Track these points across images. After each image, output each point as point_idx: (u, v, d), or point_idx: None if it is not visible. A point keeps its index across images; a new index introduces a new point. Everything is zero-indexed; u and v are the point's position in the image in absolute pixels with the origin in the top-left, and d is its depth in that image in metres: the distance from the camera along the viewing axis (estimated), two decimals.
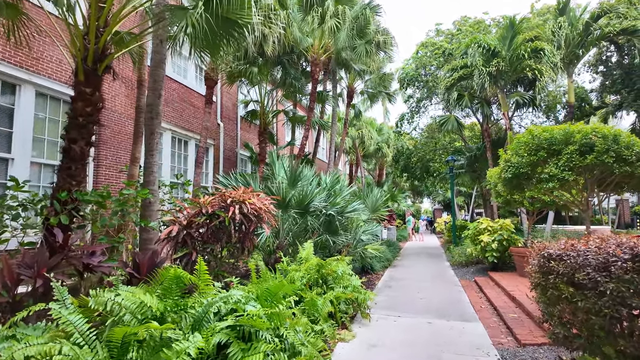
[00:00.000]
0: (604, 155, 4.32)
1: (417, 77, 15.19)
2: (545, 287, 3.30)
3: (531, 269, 3.74)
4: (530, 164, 4.73)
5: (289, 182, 6.92)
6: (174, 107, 11.50)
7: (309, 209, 6.67)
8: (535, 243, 3.70)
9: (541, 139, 4.69)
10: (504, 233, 8.73)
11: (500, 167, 5.50)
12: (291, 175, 6.87)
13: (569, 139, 4.60)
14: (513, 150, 5.14)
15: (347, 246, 8.26)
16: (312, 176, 7.50)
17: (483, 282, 8.07)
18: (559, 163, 4.55)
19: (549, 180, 4.55)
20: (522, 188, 5.70)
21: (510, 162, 5.09)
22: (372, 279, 8.87)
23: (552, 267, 3.18)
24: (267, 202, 5.51)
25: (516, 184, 5.39)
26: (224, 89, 14.12)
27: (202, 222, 4.80)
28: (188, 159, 12.21)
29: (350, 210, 7.06)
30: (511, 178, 5.14)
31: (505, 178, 5.27)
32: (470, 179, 15.11)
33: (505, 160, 5.30)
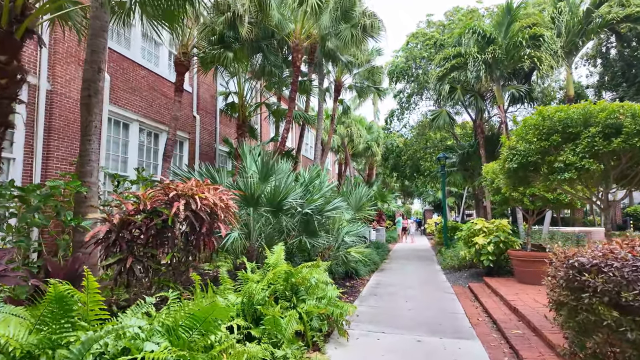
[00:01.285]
0: (634, 138, 3.53)
1: (407, 69, 14.43)
2: (575, 309, 2.44)
3: (551, 282, 2.90)
4: (540, 151, 3.93)
5: (261, 176, 6.03)
6: (143, 96, 10.51)
7: (283, 206, 5.78)
8: (558, 247, 2.85)
9: (554, 120, 3.88)
10: (501, 235, 7.96)
11: (503, 157, 4.71)
12: (262, 168, 5.98)
13: (588, 119, 3.80)
14: (519, 135, 4.35)
15: (328, 249, 7.40)
16: (288, 170, 6.61)
17: (478, 289, 7.27)
18: (577, 149, 3.74)
19: (565, 170, 3.76)
20: (527, 182, 4.90)
21: (516, 150, 4.29)
22: (356, 285, 8.01)
23: (586, 281, 2.32)
24: (227, 197, 4.61)
25: (521, 177, 4.60)
26: (201, 80, 13.15)
27: (141, 221, 3.87)
28: (159, 154, 11.20)
29: (330, 209, 6.20)
30: (517, 169, 4.34)
31: (509, 169, 4.47)
32: (462, 178, 14.40)
33: (510, 148, 4.50)
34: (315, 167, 7.13)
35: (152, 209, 3.91)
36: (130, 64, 10.06)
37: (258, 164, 6.08)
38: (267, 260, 4.88)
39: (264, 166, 5.98)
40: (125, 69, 9.89)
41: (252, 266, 4.97)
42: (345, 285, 7.91)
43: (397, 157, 18.33)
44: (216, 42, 10.04)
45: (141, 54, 10.70)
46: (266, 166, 5.96)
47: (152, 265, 4.02)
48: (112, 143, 9.49)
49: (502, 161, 4.77)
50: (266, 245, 6.49)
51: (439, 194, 32.18)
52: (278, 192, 5.54)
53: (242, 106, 11.59)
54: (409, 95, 16.17)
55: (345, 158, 25.84)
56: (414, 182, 20.16)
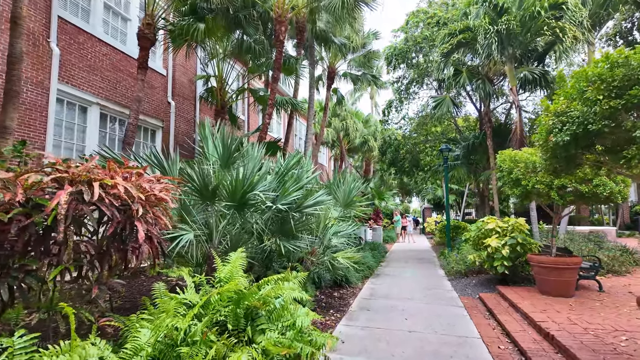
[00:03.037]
0: None
1: (407, 52, 13.13)
2: None
3: None
4: (609, 113, 2.68)
5: (222, 162, 4.75)
6: (105, 77, 9.17)
7: (248, 200, 4.49)
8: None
9: (634, 66, 2.62)
10: (518, 236, 6.69)
11: (543, 128, 3.44)
12: (223, 152, 4.70)
13: None
14: (570, 95, 3.09)
15: (312, 253, 6.11)
16: (259, 156, 5.32)
17: (492, 302, 6.01)
18: None
19: None
20: (576, 164, 3.61)
21: (567, 116, 3.02)
22: (346, 295, 6.73)
23: None
24: (160, 187, 3.32)
25: (570, 157, 3.33)
26: (178, 62, 11.82)
27: (11, 218, 2.57)
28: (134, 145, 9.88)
29: (310, 204, 4.91)
30: (568, 144, 3.07)
31: (555, 145, 3.21)
32: (466, 172, 13.15)
33: (557, 114, 3.22)
34: (296, 153, 5.83)
35: (27, 200, 2.61)
36: (88, 39, 8.72)
37: (219, 148, 4.78)
38: (218, 272, 3.59)
39: (225, 149, 4.68)
40: (81, 44, 8.56)
41: (199, 280, 3.67)
42: (333, 295, 6.64)
43: (395, 151, 17.04)
44: (187, 13, 8.73)
45: (104, 28, 9.36)
46: (227, 150, 4.67)
47: (33, 284, 2.72)
48: (64, 128, 8.16)
49: (544, 134, 3.46)
50: (232, 249, 5.23)
51: (439, 191, 30.92)
52: (240, 183, 4.25)
53: (220, 89, 10.27)
54: (408, 82, 14.86)
55: (341, 153, 24.55)
56: (413, 177, 18.87)
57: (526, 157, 5.77)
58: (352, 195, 5.75)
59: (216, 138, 4.83)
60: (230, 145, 4.74)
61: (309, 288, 5.62)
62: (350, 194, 5.73)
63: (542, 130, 3.52)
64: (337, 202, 5.84)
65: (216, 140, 4.82)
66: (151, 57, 11.16)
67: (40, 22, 7.62)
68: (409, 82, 14.72)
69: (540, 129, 3.59)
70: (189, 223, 5.16)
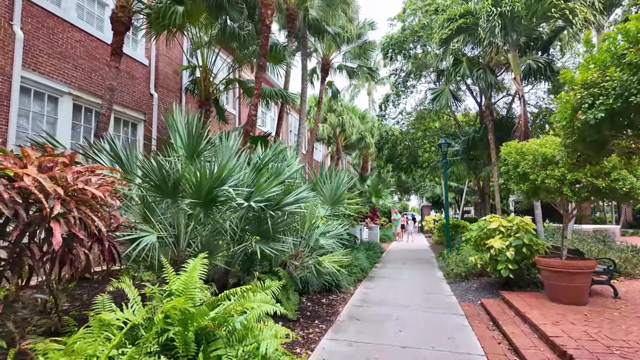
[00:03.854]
0: None
1: (404, 41, 12.49)
2: None
3: None
4: None
5: (188, 153, 4.13)
6: (78, 65, 8.52)
7: (217, 197, 3.87)
8: None
9: None
10: (524, 236, 6.09)
11: (569, 105, 2.82)
12: (189, 142, 4.07)
13: None
14: (602, 62, 2.48)
15: (296, 256, 5.50)
16: (235, 146, 4.70)
17: (496, 310, 5.41)
18: None
19: None
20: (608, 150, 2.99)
21: (600, 88, 2.41)
22: (335, 301, 6.13)
23: None
24: (93, 179, 2.71)
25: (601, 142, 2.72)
26: (162, 51, 11.17)
27: None
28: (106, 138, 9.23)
29: (290, 201, 4.29)
30: (600, 123, 2.46)
31: (585, 124, 2.60)
32: (466, 168, 12.55)
33: (586, 86, 2.59)
34: (277, 145, 5.21)
35: None
36: (58, 23, 8.07)
37: (183, 137, 4.16)
38: (169, 284, 2.97)
39: (190, 138, 4.05)
40: (51, 29, 7.90)
41: (151, 292, 3.06)
42: (321, 302, 6.03)
43: (393, 147, 16.42)
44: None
45: (77, 13, 8.71)
46: (192, 139, 4.04)
47: None
48: (31, 120, 7.52)
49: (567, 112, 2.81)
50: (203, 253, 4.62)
51: (438, 189, 30.34)
52: (205, 176, 3.62)
53: (204, 80, 9.63)
54: (406, 75, 14.22)
55: (337, 150, 23.93)
56: (410, 174, 18.25)
57: (535, 148, 5.16)
58: (340, 192, 5.14)
59: (181, 124, 4.20)
60: (196, 133, 4.11)
61: (292, 295, 5.01)
62: (338, 190, 5.11)
63: (565, 108, 2.90)
64: (324, 200, 5.22)
65: (181, 128, 4.19)
66: (132, 45, 10.52)
67: (1, 4, 6.97)
68: (407, 75, 14.08)
69: (561, 108, 2.98)
70: (154, 223, 4.55)
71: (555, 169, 4.75)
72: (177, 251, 4.65)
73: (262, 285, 3.45)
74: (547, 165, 5.01)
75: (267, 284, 3.55)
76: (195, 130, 4.10)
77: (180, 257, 4.65)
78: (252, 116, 8.11)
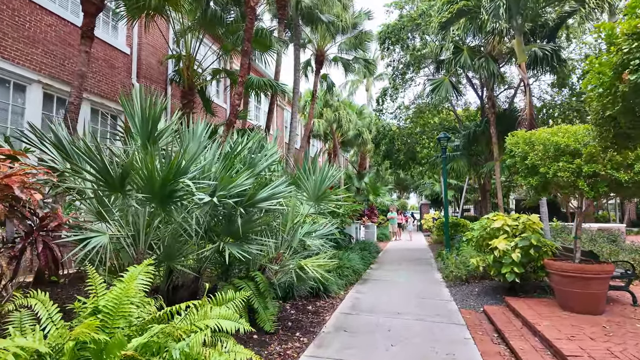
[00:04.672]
0: None
1: (401, 29, 11.85)
2: None
3: None
4: None
5: (142, 139, 3.52)
6: (49, 51, 7.90)
7: (174, 192, 3.27)
8: None
9: None
10: (531, 237, 5.49)
11: (607, 65, 2.24)
12: (143, 127, 3.45)
13: None
14: None
15: (277, 259, 4.90)
16: (205, 134, 4.09)
17: (502, 319, 4.82)
18: None
19: None
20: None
21: None
22: (322, 308, 5.54)
23: None
24: None
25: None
26: (145, 40, 10.54)
27: None
28: (78, 130, 8.61)
29: (264, 197, 3.69)
30: None
31: (635, 88, 2.00)
32: (466, 164, 11.96)
33: (634, 36, 2.00)
34: (255, 133, 4.61)
35: None
36: (25, 5, 7.45)
37: (137, 120, 3.55)
38: (96, 298, 2.37)
39: (144, 123, 3.44)
40: (17, 11, 7.28)
41: (80, 308, 2.45)
42: (306, 310, 5.45)
43: (390, 143, 15.81)
44: None
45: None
46: (145, 122, 3.42)
47: None
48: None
49: (606, 75, 2.19)
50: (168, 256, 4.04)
51: (437, 186, 29.75)
52: (154, 166, 3.02)
53: (187, 68, 9.01)
54: (404, 66, 13.58)
55: (334, 146, 23.32)
56: (409, 171, 17.64)
57: (545, 137, 4.56)
58: (325, 186, 4.54)
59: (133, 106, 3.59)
60: (150, 116, 3.48)
61: (270, 304, 4.42)
62: (322, 185, 4.51)
63: (602, 71, 2.30)
64: (307, 196, 4.62)
65: (135, 111, 3.58)
66: (112, 33, 9.90)
67: None
68: (405, 66, 13.45)
69: (591, 76, 2.38)
70: (109, 222, 3.96)
71: (569, 159, 4.16)
72: (136, 253, 4.06)
73: (221, 298, 2.86)
74: (559, 157, 4.42)
75: (229, 295, 2.95)
76: (150, 114, 3.49)
77: (139, 261, 4.06)
78: (236, 106, 7.50)
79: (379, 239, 18.00)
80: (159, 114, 3.54)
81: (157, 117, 3.54)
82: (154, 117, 3.52)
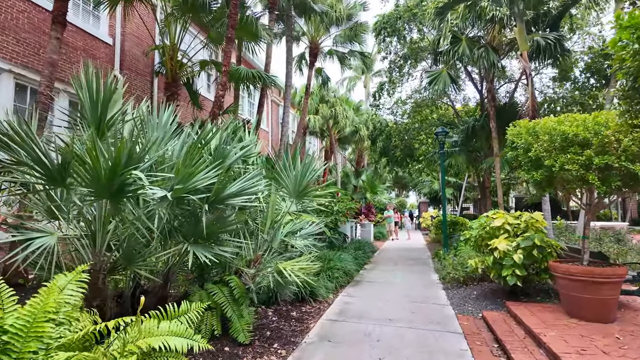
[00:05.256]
0: None
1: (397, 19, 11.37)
2: None
3: None
4: None
5: (93, 125, 3.06)
6: (21, 39, 7.43)
7: (125, 186, 2.83)
8: None
9: None
10: (534, 236, 5.06)
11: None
12: (93, 110, 3.00)
13: None
14: None
15: (255, 261, 4.46)
16: (171, 122, 3.65)
17: (502, 328, 4.38)
18: None
19: None
20: None
21: None
22: (307, 315, 5.10)
23: None
24: None
25: None
26: (128, 30, 10.06)
27: None
28: (54, 122, 8.16)
29: (233, 192, 3.25)
30: None
31: None
32: (465, 160, 11.52)
33: None
34: (230, 121, 4.16)
35: None
36: None
37: (86, 103, 3.09)
38: (1, 318, 1.92)
39: (93, 105, 2.99)
40: None
41: None
42: (290, 316, 5.01)
43: (387, 139, 15.35)
44: None
45: None
46: (95, 105, 2.97)
47: None
48: None
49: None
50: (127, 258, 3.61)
51: (436, 184, 29.31)
52: (97, 156, 2.57)
53: (171, 59, 8.55)
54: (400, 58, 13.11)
55: (330, 143, 22.86)
56: (406, 169, 17.19)
57: (551, 126, 4.11)
58: (308, 181, 4.07)
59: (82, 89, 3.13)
60: (99, 99, 3.02)
61: (245, 312, 3.97)
62: (304, 180, 4.05)
63: (636, 23, 1.88)
64: (287, 192, 4.16)
65: (82, 94, 3.12)
66: (93, 22, 9.42)
67: None
68: (402, 58, 12.98)
69: (620, 32, 1.96)
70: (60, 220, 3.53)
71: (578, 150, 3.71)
72: (92, 256, 3.62)
73: (172, 311, 2.42)
74: (567, 147, 3.97)
75: (182, 308, 2.51)
76: (99, 95, 3.03)
77: (98, 264, 3.62)
78: (220, 97, 7.04)
79: (376, 238, 17.57)
80: (109, 96, 3.09)
81: (108, 100, 3.08)
82: (104, 100, 3.06)
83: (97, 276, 3.61)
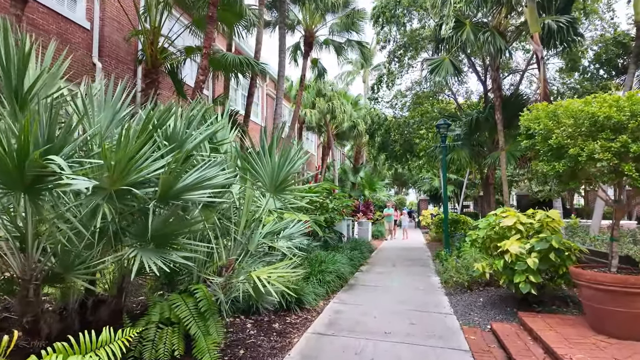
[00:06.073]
0: None
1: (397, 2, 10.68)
2: None
3: None
4: None
5: (7, 99, 2.41)
6: None
7: (42, 177, 2.18)
8: None
9: None
10: (551, 238, 4.42)
11: None
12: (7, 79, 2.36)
13: None
14: None
15: (228, 267, 3.82)
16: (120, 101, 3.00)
17: (516, 346, 3.75)
18: None
19: None
20: None
21: None
22: (291, 327, 4.47)
23: None
24: None
25: None
26: (108, 14, 9.39)
27: None
28: None
29: (189, 184, 2.61)
30: None
31: None
32: (467, 155, 10.88)
33: None
34: (196, 100, 3.51)
35: None
36: None
37: None
38: None
39: (6, 72, 2.35)
40: None
41: None
42: (271, 328, 4.37)
43: (386, 133, 14.69)
44: None
45: None
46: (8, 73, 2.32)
47: None
48: None
49: None
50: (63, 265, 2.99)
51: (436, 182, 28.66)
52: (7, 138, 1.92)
53: (152, 44, 7.88)
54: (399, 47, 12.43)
55: (328, 139, 22.21)
56: (406, 165, 16.53)
57: (577, 108, 3.47)
58: (286, 173, 3.42)
59: None
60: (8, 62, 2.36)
61: (213, 328, 3.33)
62: (282, 172, 3.39)
63: None
64: (263, 185, 3.51)
65: None
66: (69, 4, 8.75)
67: None
68: (401, 47, 12.30)
69: None
70: None
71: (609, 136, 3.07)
72: (25, 262, 2.99)
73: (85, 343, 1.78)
74: (596, 133, 3.33)
75: (102, 337, 1.87)
76: (7, 58, 2.37)
77: (28, 273, 2.99)
78: (200, 82, 6.40)
79: (374, 237, 16.93)
80: (25, 58, 2.43)
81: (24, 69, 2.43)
82: (19, 68, 2.40)
83: (26, 287, 2.98)
